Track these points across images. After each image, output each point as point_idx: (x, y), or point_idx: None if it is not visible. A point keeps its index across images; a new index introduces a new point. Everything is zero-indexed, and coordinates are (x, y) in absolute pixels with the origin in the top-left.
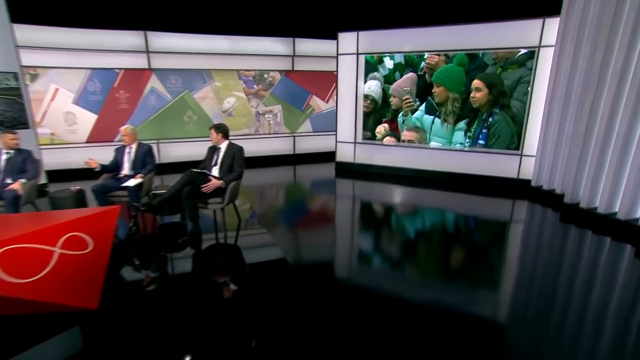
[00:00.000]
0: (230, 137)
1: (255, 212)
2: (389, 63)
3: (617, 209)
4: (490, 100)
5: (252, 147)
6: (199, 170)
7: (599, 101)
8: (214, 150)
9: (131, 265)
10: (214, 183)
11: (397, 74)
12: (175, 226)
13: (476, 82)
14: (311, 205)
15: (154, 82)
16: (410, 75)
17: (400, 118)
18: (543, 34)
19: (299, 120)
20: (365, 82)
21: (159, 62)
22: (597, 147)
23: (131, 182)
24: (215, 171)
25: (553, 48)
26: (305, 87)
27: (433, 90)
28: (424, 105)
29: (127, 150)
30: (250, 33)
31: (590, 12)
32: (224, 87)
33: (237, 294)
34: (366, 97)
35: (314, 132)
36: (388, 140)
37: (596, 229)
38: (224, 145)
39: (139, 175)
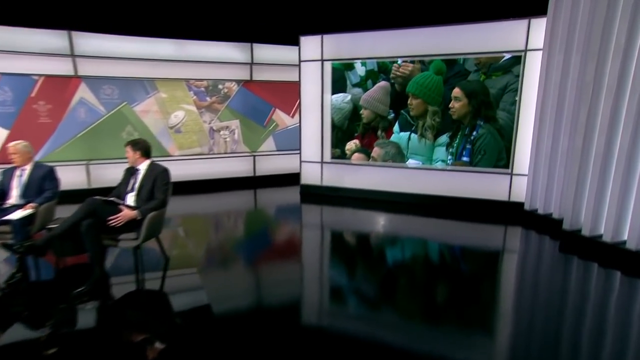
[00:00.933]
0: (180, 157)
1: (193, 247)
2: (360, 70)
3: (625, 237)
4: (471, 111)
5: (205, 169)
6: (105, 199)
7: (595, 110)
8: (131, 172)
9: (7, 326)
10: (126, 214)
11: (370, 82)
12: (81, 269)
13: (455, 91)
14: (269, 236)
15: (83, 92)
16: (382, 84)
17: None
18: (529, 36)
19: (260, 138)
20: (346, 92)
21: (89, 69)
22: (597, 163)
23: (16, 214)
24: (130, 199)
25: (541, 52)
26: (267, 100)
27: (409, 102)
28: (397, 121)
29: (17, 173)
30: (201, 37)
31: (580, 10)
32: (171, 99)
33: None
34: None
35: (278, 151)
36: (356, 157)
37: (603, 261)
38: (143, 167)
39: (30, 205)
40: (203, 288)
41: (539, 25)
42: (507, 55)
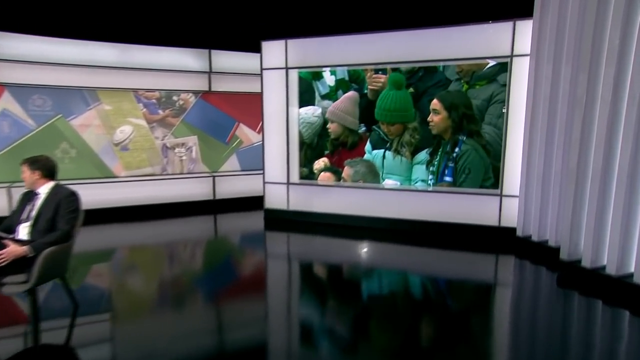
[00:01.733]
0: (127, 178)
1: (136, 285)
2: (329, 79)
3: (632, 269)
4: (452, 125)
5: (157, 192)
6: None
7: (590, 125)
8: (28, 197)
9: None
10: (11, 251)
11: (340, 92)
12: None
13: (433, 103)
14: (227, 271)
15: (7, 103)
16: (349, 94)
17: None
18: (515, 40)
19: (221, 156)
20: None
21: (13, 75)
22: (595, 184)
23: None
24: (23, 230)
25: (528, 57)
26: (230, 114)
27: (386, 130)
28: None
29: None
30: (151, 41)
31: (568, 11)
32: (116, 112)
33: None
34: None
35: (242, 170)
36: (324, 177)
37: (607, 297)
38: (44, 190)
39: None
40: (130, 340)
41: (525, 28)
42: (492, 62)
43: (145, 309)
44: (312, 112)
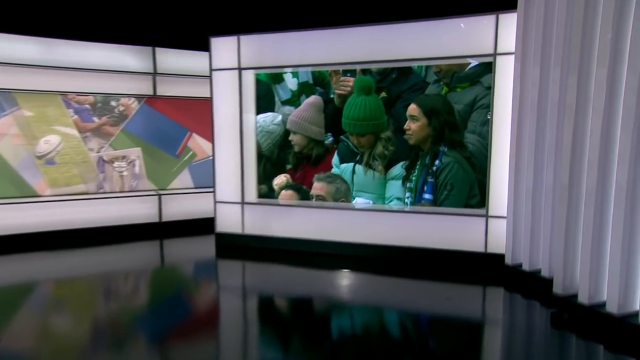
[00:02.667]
0: (53, 197)
1: (59, 328)
2: (291, 83)
3: (637, 307)
4: (432, 134)
5: (91, 214)
6: None
7: (582, 136)
8: None
9: None
10: None
11: (304, 97)
12: None
13: (411, 109)
14: (170, 308)
15: None
16: (312, 100)
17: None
18: (498, 36)
19: (171, 171)
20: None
21: None
22: (590, 205)
23: None
24: None
25: (513, 56)
26: (181, 122)
27: (356, 142)
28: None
29: None
30: (82, 36)
31: (556, 5)
32: (39, 119)
33: None
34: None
35: (195, 187)
36: (285, 195)
37: (609, 341)
38: None
39: None
40: None
41: (510, 22)
42: (474, 62)
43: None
44: (271, 120)
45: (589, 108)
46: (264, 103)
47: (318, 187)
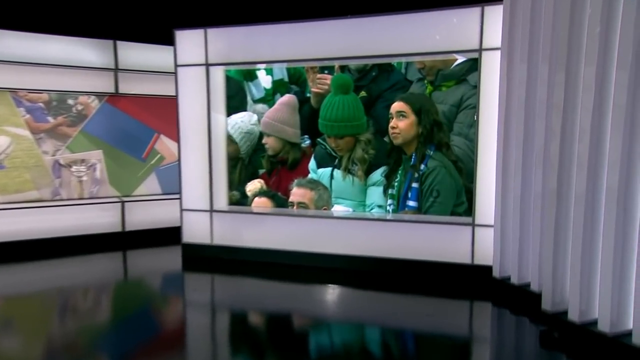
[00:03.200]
0: (2, 204)
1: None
2: (265, 80)
3: (630, 325)
4: (421, 133)
5: (46, 223)
6: None
7: (570, 138)
8: None
9: None
10: None
11: (278, 96)
12: None
13: (397, 105)
14: (130, 328)
15: None
16: (286, 99)
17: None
18: (484, 30)
19: (136, 176)
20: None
21: None
22: (579, 213)
23: None
24: None
25: (500, 52)
26: (147, 122)
27: (334, 145)
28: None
29: None
30: (34, 27)
31: None
32: None
33: None
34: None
35: (164, 194)
36: (258, 203)
37: None
38: None
39: None
40: None
41: (496, 14)
42: (461, 58)
43: None
44: (248, 120)
45: (578, 107)
46: (235, 102)
47: (299, 193)
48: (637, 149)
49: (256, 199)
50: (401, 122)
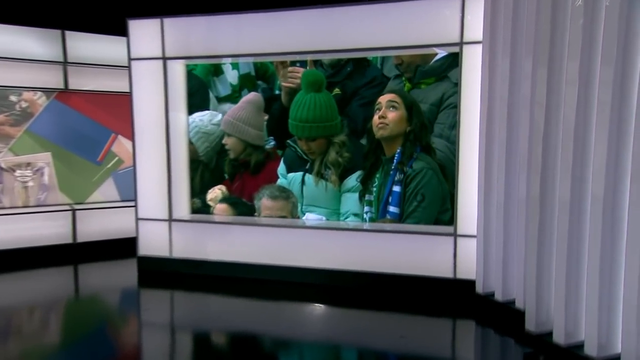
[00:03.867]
0: None
1: None
2: (231, 76)
3: (619, 349)
4: (411, 131)
5: None
6: None
7: (554, 140)
8: None
9: None
10: None
11: (245, 92)
12: None
13: (390, 96)
14: (79, 351)
15: None
16: (251, 97)
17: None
18: (465, 22)
19: (90, 181)
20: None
21: None
22: (563, 221)
23: None
24: None
25: (482, 45)
26: (102, 122)
27: (305, 148)
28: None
29: None
30: None
31: None
32: None
33: None
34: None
35: (122, 200)
36: (220, 210)
37: None
38: None
39: None
40: None
41: (478, 5)
42: (441, 53)
43: None
44: (209, 119)
45: (561, 105)
46: (197, 100)
47: (277, 207)
48: (623, 148)
49: (218, 205)
50: (391, 113)
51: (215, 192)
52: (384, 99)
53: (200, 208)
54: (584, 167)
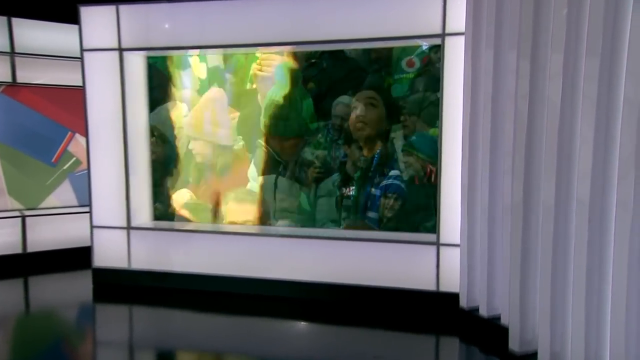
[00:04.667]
0: None
1: None
2: (200, 69)
3: None
4: (392, 130)
5: None
6: None
7: (537, 138)
8: None
9: None
10: None
11: (216, 86)
12: None
13: (368, 93)
14: None
15: None
16: (213, 93)
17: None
18: (447, 11)
19: (44, 184)
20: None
21: None
22: (547, 229)
23: None
24: None
25: (464, 37)
26: (57, 119)
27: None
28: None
29: None
30: None
31: None
32: None
33: None
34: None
35: (80, 206)
36: (185, 215)
37: None
38: None
39: None
40: None
41: None
42: (424, 45)
43: None
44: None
45: (544, 101)
46: (159, 95)
47: (245, 211)
48: (610, 143)
49: (182, 211)
50: (371, 111)
51: (183, 196)
52: (361, 96)
53: (164, 214)
54: (567, 173)
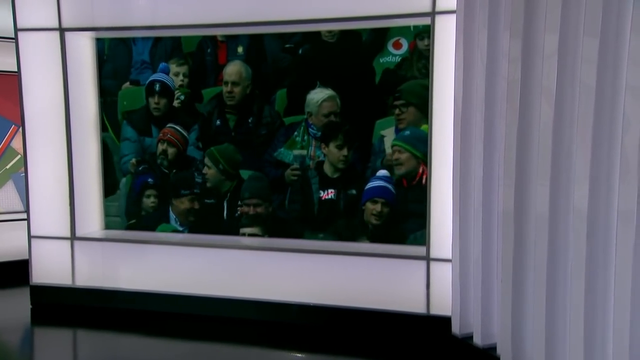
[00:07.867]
0: None
1: None
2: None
3: None
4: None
5: None
6: None
7: (529, 134)
8: None
9: None
10: None
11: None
12: None
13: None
14: None
15: None
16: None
17: None
18: None
19: None
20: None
21: None
22: (541, 240)
23: None
24: None
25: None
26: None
27: None
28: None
29: None
30: None
31: None
32: None
33: None
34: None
35: (25, 211)
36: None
37: None
38: None
39: None
40: None
41: None
42: (413, 23)
43: None
44: None
45: (538, 88)
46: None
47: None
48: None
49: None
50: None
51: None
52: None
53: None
54: (563, 175)
